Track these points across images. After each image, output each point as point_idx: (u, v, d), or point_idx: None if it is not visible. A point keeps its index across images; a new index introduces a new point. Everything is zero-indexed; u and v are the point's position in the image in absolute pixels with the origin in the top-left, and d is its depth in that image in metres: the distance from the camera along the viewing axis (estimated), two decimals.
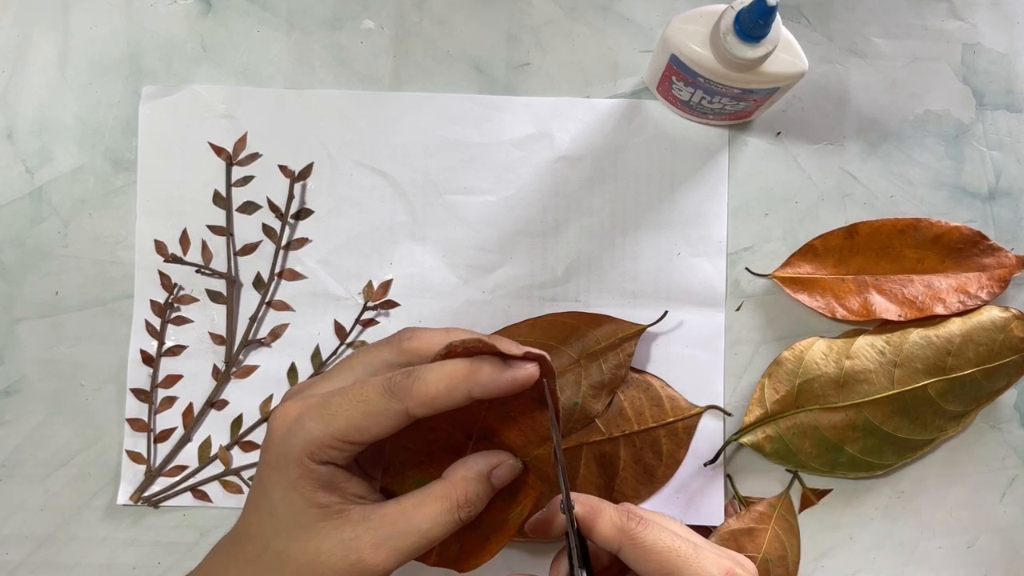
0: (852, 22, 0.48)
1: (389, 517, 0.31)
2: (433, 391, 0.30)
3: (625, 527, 0.34)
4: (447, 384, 0.30)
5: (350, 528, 0.31)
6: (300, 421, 0.31)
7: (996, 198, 0.47)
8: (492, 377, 0.30)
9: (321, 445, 0.30)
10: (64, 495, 0.45)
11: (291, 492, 0.31)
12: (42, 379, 0.46)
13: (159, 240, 0.46)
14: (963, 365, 0.44)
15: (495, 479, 0.33)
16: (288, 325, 0.46)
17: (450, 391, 0.30)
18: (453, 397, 0.30)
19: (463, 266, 0.46)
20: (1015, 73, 0.48)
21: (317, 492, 0.31)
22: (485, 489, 0.33)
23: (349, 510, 0.31)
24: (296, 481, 0.31)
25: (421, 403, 0.30)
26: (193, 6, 0.47)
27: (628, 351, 0.45)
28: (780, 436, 0.44)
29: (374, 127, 0.47)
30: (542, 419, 0.34)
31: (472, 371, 0.30)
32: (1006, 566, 0.46)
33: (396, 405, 0.30)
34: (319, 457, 0.31)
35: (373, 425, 0.30)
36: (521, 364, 0.31)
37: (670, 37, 0.40)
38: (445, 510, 0.31)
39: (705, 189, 0.47)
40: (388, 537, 0.31)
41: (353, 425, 0.30)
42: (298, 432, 0.31)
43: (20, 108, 0.47)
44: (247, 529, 0.33)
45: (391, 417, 0.30)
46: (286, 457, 0.31)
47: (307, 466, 0.31)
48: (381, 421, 0.30)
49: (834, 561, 0.46)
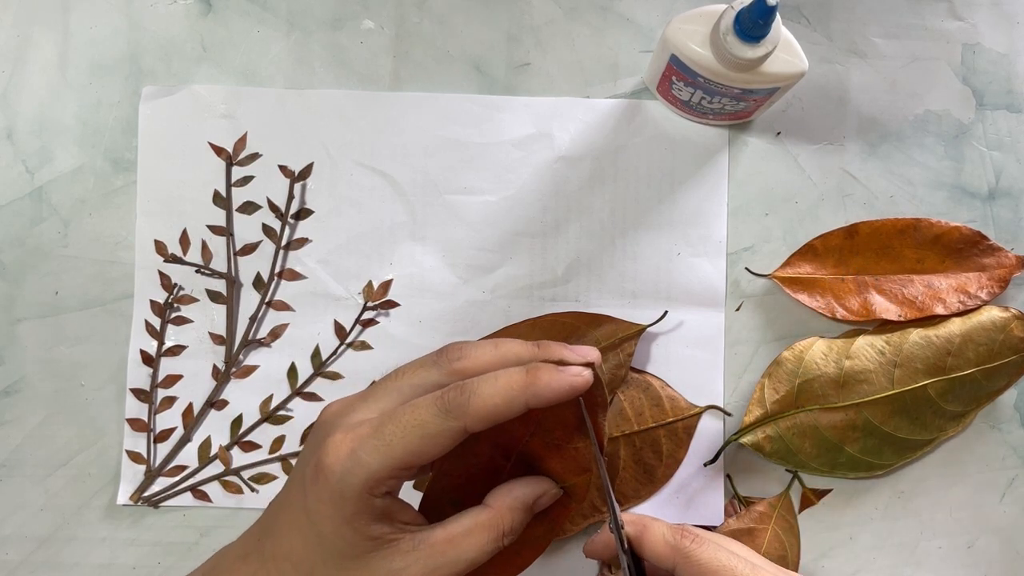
0: (852, 22, 0.48)
1: (438, 547, 0.31)
2: (491, 405, 0.30)
3: (679, 545, 0.34)
4: (504, 397, 0.30)
5: (400, 558, 0.30)
6: (355, 456, 0.30)
7: (996, 198, 0.47)
8: (549, 384, 0.30)
9: (381, 478, 0.30)
10: (64, 495, 0.45)
11: (344, 527, 0.30)
12: (42, 379, 0.46)
13: (159, 240, 0.46)
14: (963, 365, 0.44)
15: (536, 507, 0.33)
16: (288, 325, 0.46)
17: (508, 404, 0.30)
18: (511, 409, 0.30)
19: (463, 266, 0.46)
20: (1015, 73, 0.48)
21: (371, 525, 0.30)
22: (527, 517, 0.33)
23: (399, 540, 0.31)
24: (351, 517, 0.30)
25: (479, 419, 0.30)
26: (193, 6, 0.47)
27: (628, 351, 0.45)
28: (780, 436, 0.44)
29: (374, 127, 0.47)
30: (585, 449, 0.34)
31: (529, 382, 0.30)
32: (1006, 566, 0.46)
33: (454, 424, 0.30)
34: (379, 491, 0.30)
35: (431, 448, 0.30)
36: (577, 370, 0.31)
37: (670, 37, 0.40)
38: (491, 539, 0.31)
39: (705, 189, 0.47)
40: (437, 567, 0.31)
41: (411, 452, 0.30)
42: (355, 470, 0.30)
43: (20, 108, 0.47)
44: (288, 552, 0.32)
45: (449, 437, 0.30)
46: (343, 495, 0.30)
47: (366, 501, 0.30)
48: (439, 442, 0.30)
49: (834, 561, 0.46)
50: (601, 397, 0.32)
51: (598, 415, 0.33)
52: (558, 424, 0.33)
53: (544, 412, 0.33)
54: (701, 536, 0.34)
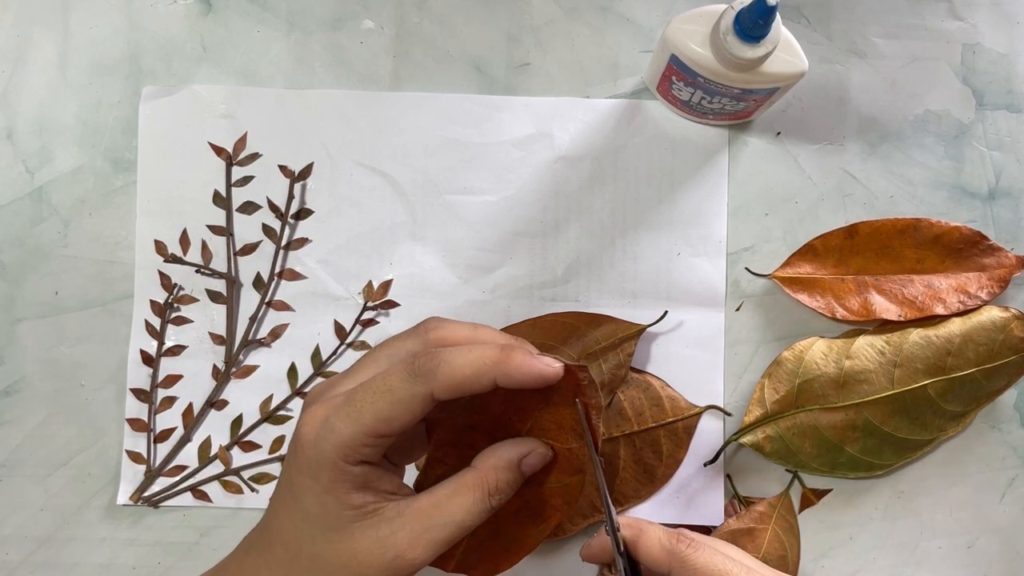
0: (852, 22, 0.48)
1: (424, 511, 0.31)
2: (460, 375, 0.30)
3: (674, 549, 0.34)
4: (474, 369, 0.30)
5: (385, 525, 0.30)
6: (328, 424, 0.30)
7: (996, 198, 0.47)
8: (519, 366, 0.30)
9: (353, 445, 0.30)
10: (64, 495, 0.45)
11: (324, 496, 0.30)
12: (42, 379, 0.46)
13: (159, 240, 0.46)
14: (963, 365, 0.44)
15: (525, 467, 0.33)
16: (288, 325, 0.46)
17: (477, 376, 0.30)
18: (480, 382, 0.30)
19: (463, 266, 0.46)
20: (1015, 73, 0.48)
21: (351, 494, 0.30)
22: (515, 477, 0.32)
23: (383, 507, 0.31)
24: (330, 485, 0.30)
25: (446, 386, 0.30)
26: (193, 6, 0.47)
27: (628, 351, 0.45)
28: (780, 436, 0.44)
29: (374, 127, 0.47)
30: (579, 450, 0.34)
31: (501, 359, 0.30)
32: (1006, 566, 0.46)
33: (421, 389, 0.30)
34: (353, 458, 0.30)
35: (401, 414, 0.30)
36: (550, 360, 0.31)
37: (670, 37, 0.40)
38: (478, 499, 0.31)
39: (705, 189, 0.47)
40: (424, 530, 0.30)
41: (381, 418, 0.30)
42: (327, 436, 0.30)
43: (20, 108, 0.47)
44: (279, 534, 0.32)
45: (417, 403, 0.30)
46: (318, 463, 0.30)
47: (342, 469, 0.30)
48: (409, 408, 0.30)
49: (834, 561, 0.46)
50: (596, 400, 0.32)
51: (592, 417, 0.33)
52: (553, 424, 0.33)
53: (541, 411, 0.33)
54: (697, 540, 0.34)
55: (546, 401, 0.33)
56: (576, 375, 0.32)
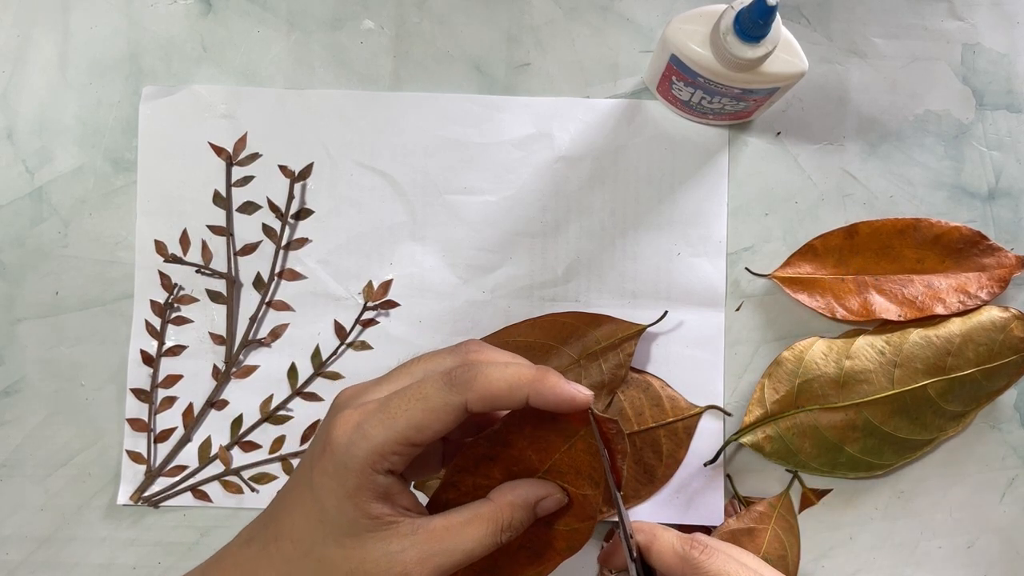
0: (852, 22, 0.48)
1: (436, 533, 0.31)
2: (495, 387, 0.30)
3: (687, 555, 0.34)
4: (510, 383, 0.30)
5: (397, 541, 0.31)
6: (361, 429, 0.30)
7: (996, 198, 0.47)
8: (554, 388, 0.30)
9: (384, 452, 0.30)
10: (64, 495, 0.45)
11: (346, 502, 0.30)
12: (42, 379, 0.46)
13: (159, 240, 0.46)
14: (963, 365, 0.44)
15: (540, 509, 0.33)
16: (288, 325, 0.46)
17: (511, 391, 0.30)
18: (513, 398, 0.30)
19: (463, 266, 0.46)
20: (1015, 73, 0.48)
21: (372, 503, 0.30)
22: (529, 517, 0.33)
23: (399, 522, 0.31)
24: (354, 492, 0.30)
25: (481, 397, 0.30)
26: (193, 6, 0.47)
27: (628, 351, 0.45)
28: (780, 436, 0.44)
29: (374, 127, 0.47)
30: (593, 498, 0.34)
31: (536, 378, 0.30)
32: (1006, 566, 0.46)
33: (456, 399, 0.30)
34: (381, 466, 0.30)
35: (433, 421, 0.30)
36: (582, 387, 0.31)
37: (670, 37, 0.40)
38: (490, 532, 0.31)
39: (705, 189, 0.47)
40: (433, 554, 0.31)
41: (413, 424, 0.30)
42: (360, 442, 0.30)
43: (20, 108, 0.47)
44: (289, 530, 0.32)
45: (450, 412, 0.30)
46: (347, 467, 0.30)
47: (368, 477, 0.30)
48: (440, 417, 0.30)
49: (834, 561, 0.46)
50: (622, 447, 0.33)
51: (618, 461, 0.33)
52: (572, 468, 0.34)
53: (562, 454, 0.34)
54: (710, 546, 0.34)
55: (569, 445, 0.33)
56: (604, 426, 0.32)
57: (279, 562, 0.32)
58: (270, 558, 0.32)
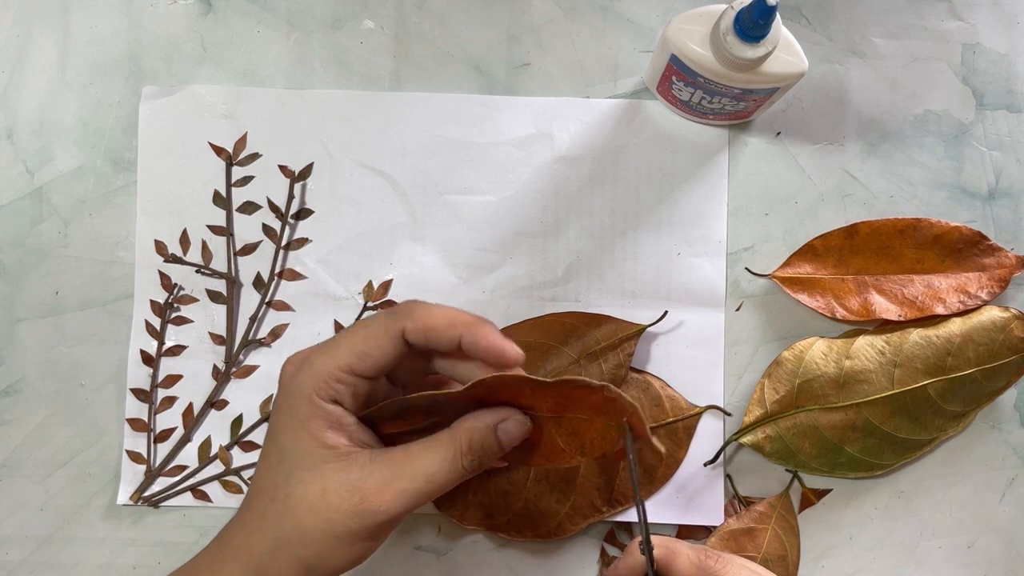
0: (852, 22, 0.48)
1: (395, 460, 0.31)
2: (433, 320, 0.32)
3: (703, 565, 0.34)
4: (447, 320, 0.32)
5: (356, 469, 0.31)
6: (308, 361, 0.32)
7: (996, 198, 0.47)
8: (487, 336, 0.32)
9: (328, 379, 0.31)
10: (64, 495, 0.45)
11: (300, 432, 0.31)
12: (42, 379, 0.46)
13: (159, 240, 0.46)
14: (963, 365, 0.44)
15: (502, 433, 0.33)
16: (288, 325, 0.46)
17: (448, 327, 0.32)
18: (448, 335, 0.32)
19: (463, 266, 0.46)
20: (1015, 73, 0.48)
21: (326, 432, 0.31)
22: (490, 441, 0.33)
23: (356, 452, 0.32)
24: (305, 420, 0.31)
25: (418, 327, 0.31)
26: (193, 6, 0.47)
27: (628, 351, 0.45)
28: (780, 436, 0.44)
29: (374, 127, 0.47)
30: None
31: (473, 322, 0.32)
32: (1006, 566, 0.46)
33: (395, 324, 0.32)
34: (326, 393, 0.31)
35: (373, 348, 0.31)
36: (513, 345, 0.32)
37: (670, 37, 0.40)
38: (449, 456, 0.32)
39: (705, 189, 0.47)
40: (393, 478, 0.31)
41: (355, 352, 0.31)
42: (306, 371, 0.32)
43: (20, 108, 0.47)
44: (256, 487, 0.33)
45: (389, 339, 0.32)
46: (295, 396, 0.32)
47: (316, 404, 0.31)
48: (380, 344, 0.32)
49: (834, 561, 0.46)
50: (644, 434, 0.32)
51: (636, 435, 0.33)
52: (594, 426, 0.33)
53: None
54: (726, 558, 0.34)
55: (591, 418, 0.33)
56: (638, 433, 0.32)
57: (250, 520, 0.32)
58: (241, 522, 0.33)
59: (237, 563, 0.32)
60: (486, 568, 0.45)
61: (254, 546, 0.32)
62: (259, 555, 0.31)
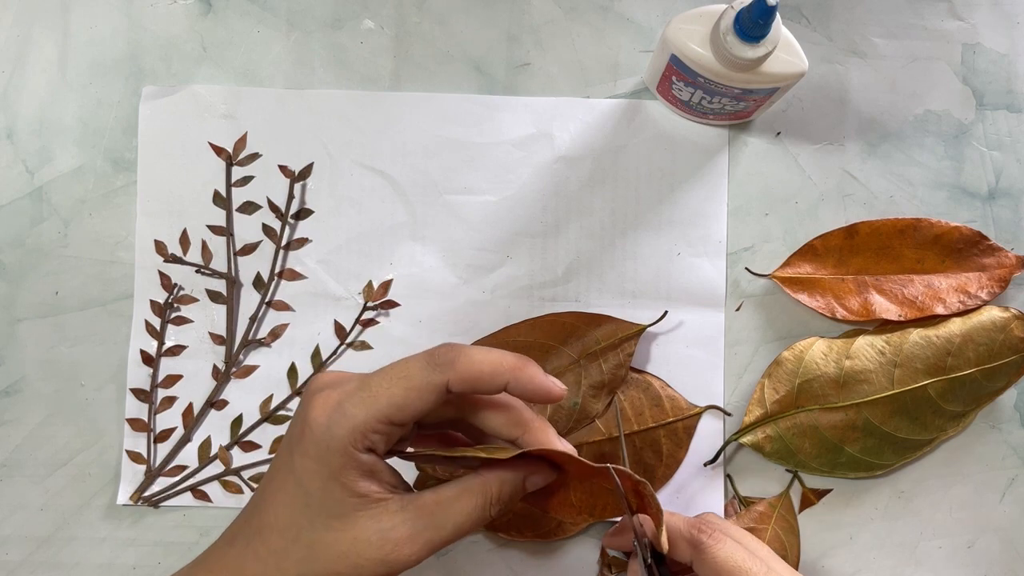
0: (852, 22, 0.48)
1: (427, 508, 0.31)
2: (477, 369, 0.31)
3: (696, 539, 0.34)
4: (491, 367, 0.31)
5: (388, 518, 0.31)
6: (341, 408, 0.30)
7: (996, 198, 0.47)
8: (532, 377, 0.31)
9: (365, 431, 0.30)
10: (64, 495, 0.45)
11: (331, 483, 0.30)
12: (42, 379, 0.46)
13: (159, 240, 0.46)
14: (963, 365, 0.44)
15: (529, 484, 0.33)
16: (288, 325, 0.46)
17: (492, 374, 0.31)
18: (493, 382, 0.31)
19: (463, 266, 0.46)
20: (1015, 73, 0.48)
21: (359, 481, 0.30)
22: (518, 491, 0.33)
23: (388, 499, 0.31)
24: (338, 471, 0.30)
25: (463, 378, 0.30)
26: (193, 6, 0.47)
27: (628, 351, 0.45)
28: (780, 436, 0.44)
29: (374, 127, 0.47)
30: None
31: (517, 365, 0.31)
32: (1006, 566, 0.46)
33: (438, 377, 0.30)
34: (363, 444, 0.30)
35: (414, 400, 0.30)
36: (558, 381, 0.32)
37: (670, 37, 0.40)
38: (479, 506, 0.31)
39: (705, 189, 0.47)
40: (425, 528, 0.31)
41: (395, 403, 0.30)
42: (340, 421, 0.30)
43: (20, 108, 0.47)
44: (273, 521, 0.32)
45: (432, 391, 0.30)
46: (328, 447, 0.30)
47: (351, 455, 0.30)
48: (422, 395, 0.30)
49: (834, 561, 0.46)
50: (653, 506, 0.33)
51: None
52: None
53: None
54: (719, 532, 0.34)
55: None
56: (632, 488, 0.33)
57: (265, 555, 0.31)
58: (256, 553, 0.32)
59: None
60: (486, 568, 0.45)
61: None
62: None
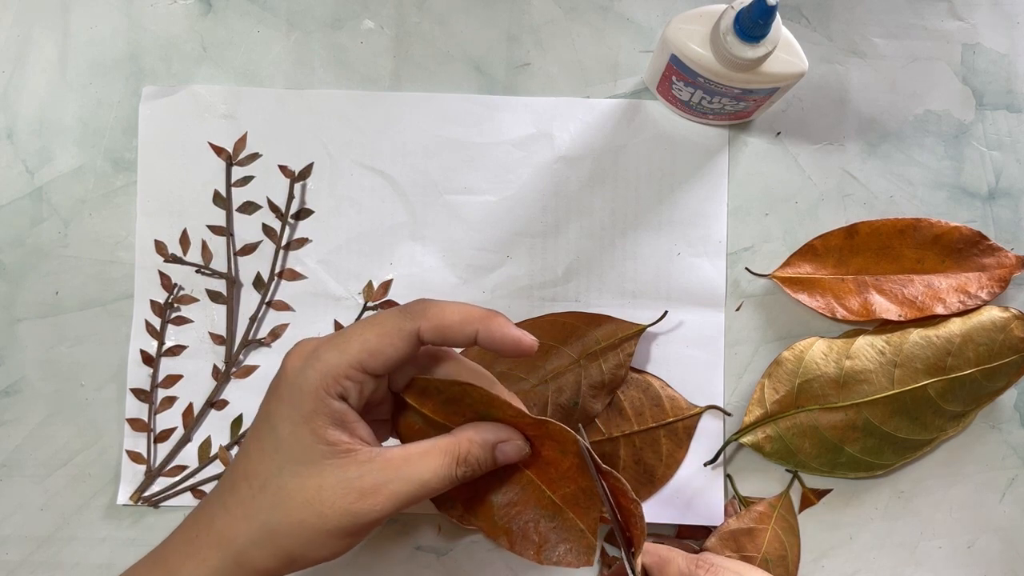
0: (852, 22, 0.48)
1: (393, 462, 0.31)
2: (448, 318, 0.31)
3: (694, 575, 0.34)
4: (461, 317, 0.31)
5: (354, 468, 0.31)
6: (316, 353, 0.31)
7: (996, 198, 0.47)
8: (501, 327, 0.32)
9: (337, 376, 0.31)
10: (64, 495, 0.45)
11: (301, 427, 0.31)
12: (42, 379, 0.46)
13: (159, 240, 0.46)
14: (963, 365, 0.44)
15: (499, 453, 0.33)
16: (288, 325, 0.46)
17: (462, 324, 0.31)
18: (463, 331, 0.32)
19: (463, 266, 0.46)
20: (1015, 73, 0.48)
21: (328, 428, 0.31)
22: (487, 456, 0.33)
23: (356, 450, 0.31)
24: (309, 415, 0.31)
25: (434, 326, 0.31)
26: (193, 6, 0.47)
27: (628, 351, 0.45)
28: (780, 436, 0.44)
29: (374, 127, 0.47)
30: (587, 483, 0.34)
31: (487, 316, 0.32)
32: (1006, 566, 0.46)
33: (409, 324, 0.31)
34: (335, 389, 0.31)
35: (386, 347, 0.31)
36: (526, 333, 0.32)
37: (670, 37, 0.40)
38: (446, 464, 0.32)
39: (705, 189, 0.47)
40: (389, 481, 0.31)
41: (367, 349, 0.31)
42: (314, 364, 0.31)
43: (20, 108, 0.47)
44: (243, 471, 0.32)
45: (403, 337, 0.31)
46: (301, 390, 0.31)
47: (322, 400, 0.31)
48: (394, 342, 0.31)
49: (834, 561, 0.46)
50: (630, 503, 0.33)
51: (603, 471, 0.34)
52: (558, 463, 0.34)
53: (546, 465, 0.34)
54: (717, 567, 0.34)
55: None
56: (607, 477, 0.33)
57: (233, 505, 0.32)
58: (224, 504, 0.32)
59: (216, 549, 0.31)
60: (486, 568, 0.45)
61: (238, 533, 0.31)
62: (242, 543, 0.31)
